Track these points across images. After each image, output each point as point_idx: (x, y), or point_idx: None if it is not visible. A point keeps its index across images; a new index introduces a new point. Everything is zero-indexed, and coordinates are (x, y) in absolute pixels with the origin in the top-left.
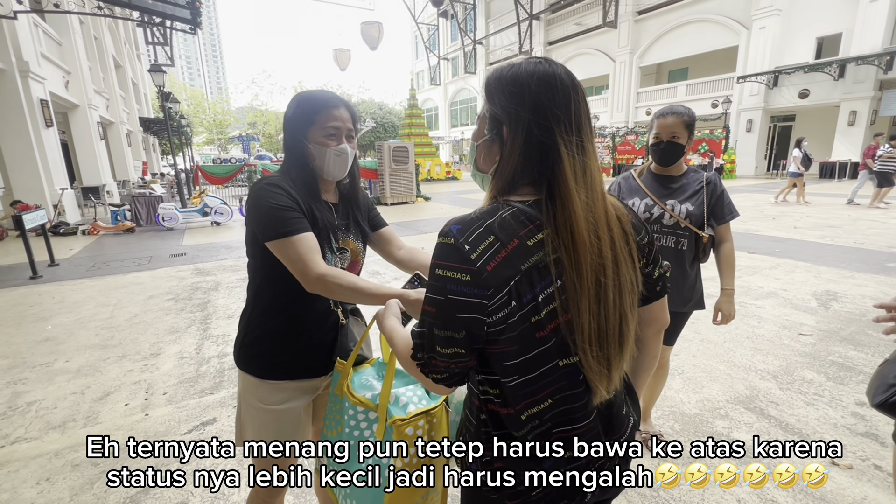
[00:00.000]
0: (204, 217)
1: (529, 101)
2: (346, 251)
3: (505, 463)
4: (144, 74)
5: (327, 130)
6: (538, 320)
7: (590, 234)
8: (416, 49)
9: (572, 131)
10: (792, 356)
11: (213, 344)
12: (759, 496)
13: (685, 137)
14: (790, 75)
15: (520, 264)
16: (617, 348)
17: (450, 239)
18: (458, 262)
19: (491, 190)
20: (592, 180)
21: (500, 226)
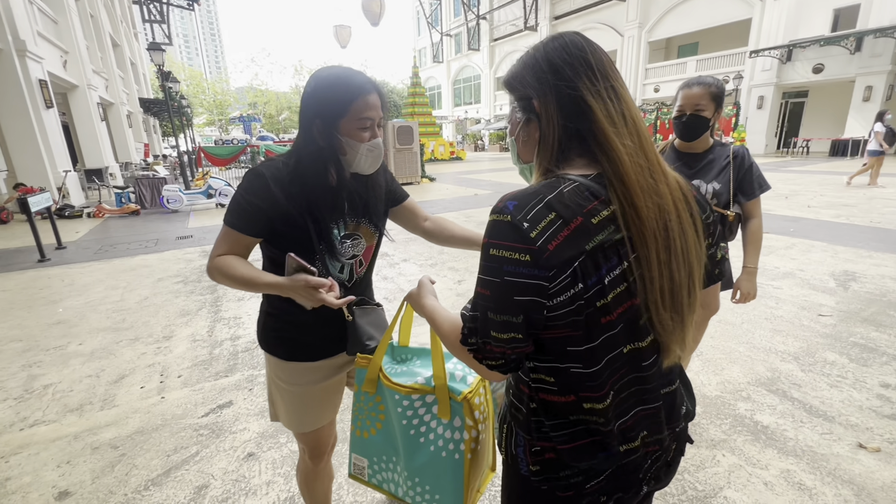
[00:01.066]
0: (208, 199)
1: (546, 65)
2: (358, 237)
3: (559, 454)
4: (143, 54)
5: (362, 123)
6: (604, 304)
7: (641, 177)
8: (418, 25)
9: (597, 78)
10: (812, 337)
11: (224, 326)
12: (786, 479)
13: (711, 110)
14: (805, 49)
15: (584, 244)
16: (688, 306)
17: (506, 216)
18: (516, 241)
19: (539, 166)
20: (637, 128)
21: (561, 201)
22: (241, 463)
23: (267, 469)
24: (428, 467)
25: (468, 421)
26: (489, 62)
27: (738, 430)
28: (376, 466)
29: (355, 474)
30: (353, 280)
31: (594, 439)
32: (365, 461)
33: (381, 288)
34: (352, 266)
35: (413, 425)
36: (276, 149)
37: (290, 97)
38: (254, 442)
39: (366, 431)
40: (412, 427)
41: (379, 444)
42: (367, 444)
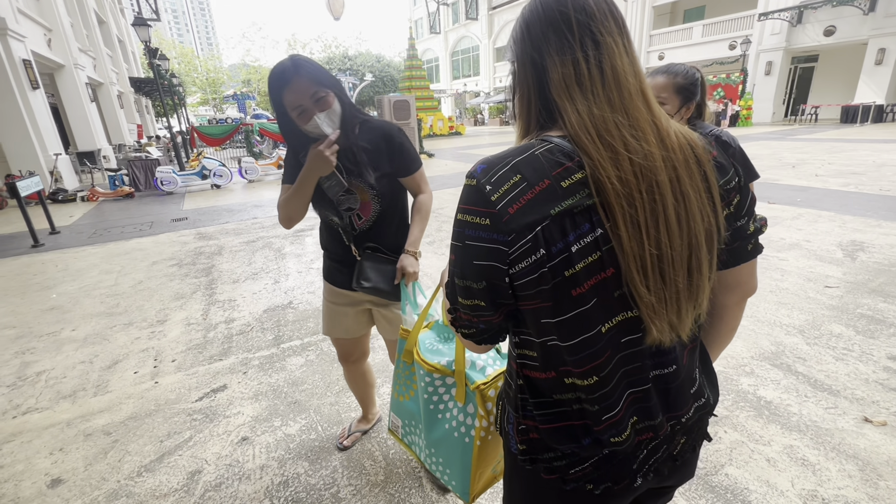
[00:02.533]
0: (203, 180)
1: (522, 25)
2: (352, 193)
3: (541, 434)
4: (130, 31)
5: (294, 112)
6: (573, 274)
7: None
8: None
9: (571, 31)
10: (818, 310)
11: (219, 309)
12: (789, 455)
13: (674, 104)
14: (816, 10)
15: (549, 208)
16: (684, 280)
17: (472, 180)
18: (478, 205)
19: (519, 129)
20: (618, 80)
21: (530, 164)
22: (234, 447)
23: (261, 453)
24: (442, 442)
25: (480, 410)
26: (488, 32)
27: (740, 405)
28: (407, 428)
29: (392, 430)
30: (357, 230)
31: (577, 423)
32: (399, 421)
33: None
34: (350, 217)
35: (433, 401)
36: (270, 127)
37: None
38: (248, 426)
39: (402, 395)
40: (432, 402)
41: (410, 409)
42: (402, 407)
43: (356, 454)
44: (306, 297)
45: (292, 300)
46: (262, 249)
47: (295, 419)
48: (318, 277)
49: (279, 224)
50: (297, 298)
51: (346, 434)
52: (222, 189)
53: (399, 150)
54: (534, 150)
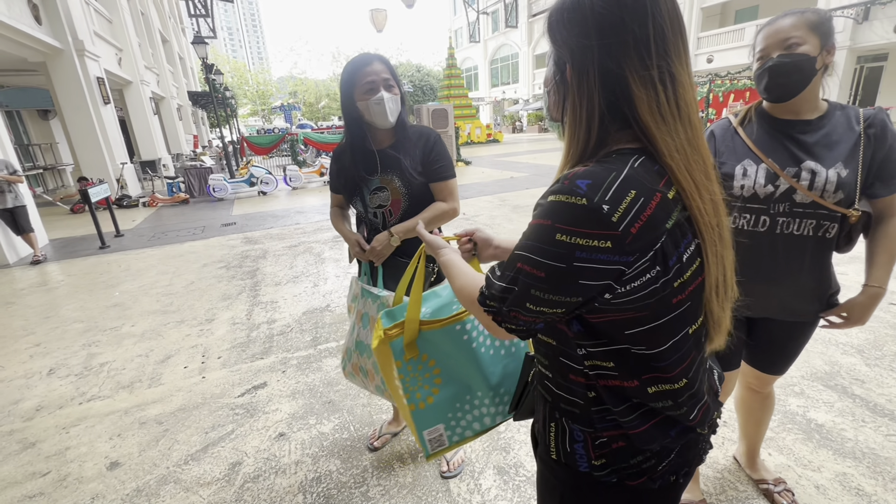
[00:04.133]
0: (251, 187)
1: (594, 24)
2: (385, 190)
3: (630, 440)
4: (189, 48)
5: (364, 87)
6: (680, 284)
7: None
8: (454, 4)
9: (651, 56)
10: (881, 328)
11: (262, 310)
12: (841, 483)
13: (815, 45)
14: (885, 6)
15: (664, 223)
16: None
17: (579, 198)
18: (595, 227)
19: (575, 137)
20: (690, 118)
21: (637, 177)
22: (272, 442)
23: (296, 449)
24: (507, 372)
25: None
26: (527, 39)
27: (787, 427)
28: (453, 422)
29: (435, 451)
30: (387, 226)
31: (666, 416)
32: (440, 427)
33: None
34: (382, 213)
35: (480, 342)
36: (314, 136)
37: (328, 84)
38: (285, 423)
39: (427, 398)
40: (482, 346)
41: (447, 397)
42: (435, 409)
43: (386, 455)
44: (343, 300)
45: (330, 303)
46: (303, 254)
47: (329, 418)
48: None
49: (320, 229)
50: (335, 302)
51: (377, 435)
52: (268, 196)
53: (435, 154)
54: (632, 162)
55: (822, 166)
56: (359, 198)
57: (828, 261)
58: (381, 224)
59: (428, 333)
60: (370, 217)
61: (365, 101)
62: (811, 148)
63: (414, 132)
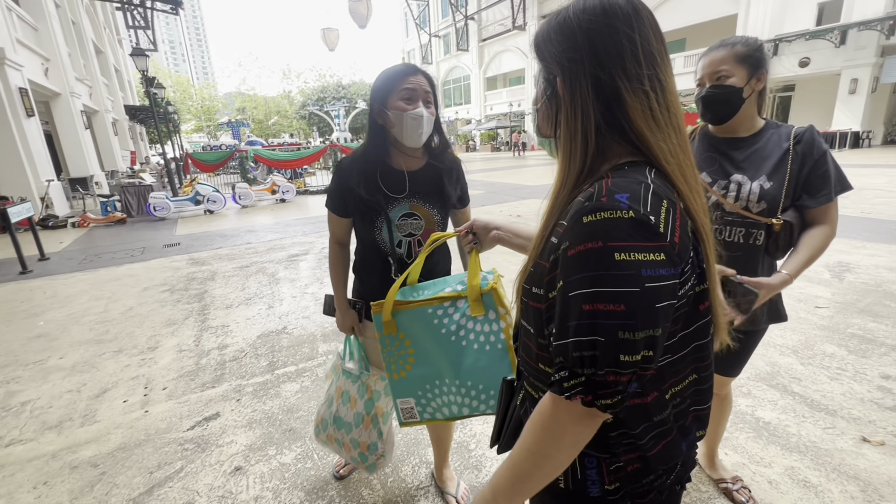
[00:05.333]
0: (196, 205)
1: (583, 37)
2: (417, 217)
3: (647, 462)
4: (127, 60)
5: (403, 94)
6: (703, 290)
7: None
8: (406, 27)
9: (640, 62)
10: (810, 330)
11: (212, 335)
12: (790, 477)
13: (742, 76)
14: (790, 43)
15: (688, 229)
16: None
17: (624, 211)
18: (648, 239)
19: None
20: (678, 122)
21: (661, 189)
22: (227, 478)
23: (255, 483)
24: (477, 367)
25: (500, 309)
26: (478, 62)
27: (739, 426)
28: (423, 400)
29: (407, 420)
30: (413, 257)
31: (677, 431)
32: (411, 401)
33: None
34: (409, 243)
35: (452, 331)
36: (265, 153)
37: (278, 101)
38: (241, 455)
39: (401, 372)
40: (452, 334)
41: (418, 376)
42: (407, 383)
43: (353, 483)
44: (301, 322)
45: (286, 325)
46: (255, 274)
47: (290, 447)
48: (313, 302)
49: (273, 248)
50: (292, 324)
51: (343, 463)
52: (216, 214)
53: (462, 179)
54: (649, 173)
55: (748, 179)
56: (383, 223)
57: (764, 267)
58: (405, 254)
59: (402, 313)
60: (394, 247)
61: (399, 112)
62: (740, 163)
63: (448, 157)
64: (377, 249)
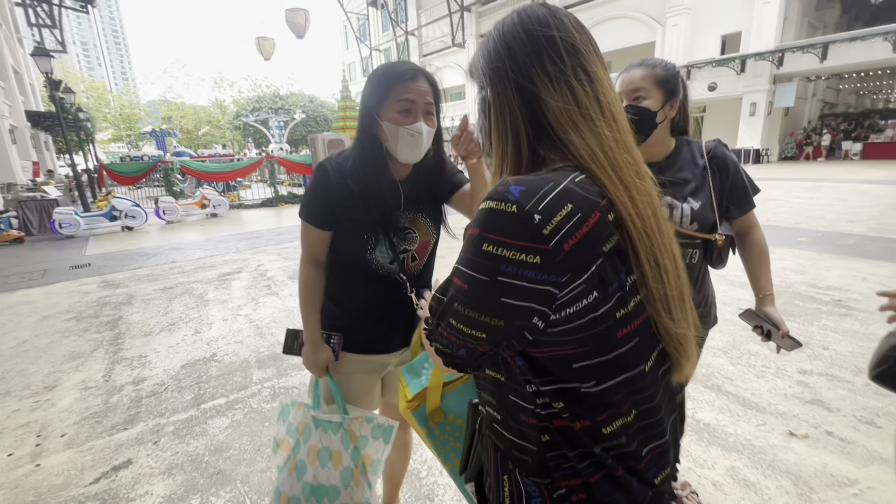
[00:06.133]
0: (112, 221)
1: (503, 49)
2: (412, 232)
3: (591, 490)
4: (29, 62)
5: (400, 105)
6: (624, 315)
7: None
8: (346, 39)
9: (561, 59)
10: (737, 330)
11: (126, 368)
12: (732, 477)
13: (658, 98)
14: (700, 69)
15: (602, 244)
16: (690, 311)
17: (509, 205)
18: (524, 239)
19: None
20: (614, 115)
21: (576, 192)
22: None
23: None
24: None
25: None
26: None
27: None
28: None
29: None
30: (406, 273)
31: (625, 465)
32: None
33: None
34: (404, 259)
35: None
36: (193, 164)
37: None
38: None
39: None
40: None
41: None
42: None
43: None
44: (232, 347)
45: (216, 352)
46: (180, 297)
47: (219, 493)
48: (247, 325)
49: (202, 267)
50: (222, 350)
51: None
52: (136, 231)
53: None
54: (572, 178)
55: (677, 201)
56: (384, 240)
57: (699, 285)
58: (397, 270)
59: (451, 393)
60: (387, 265)
61: (394, 125)
62: (664, 183)
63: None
64: (365, 269)
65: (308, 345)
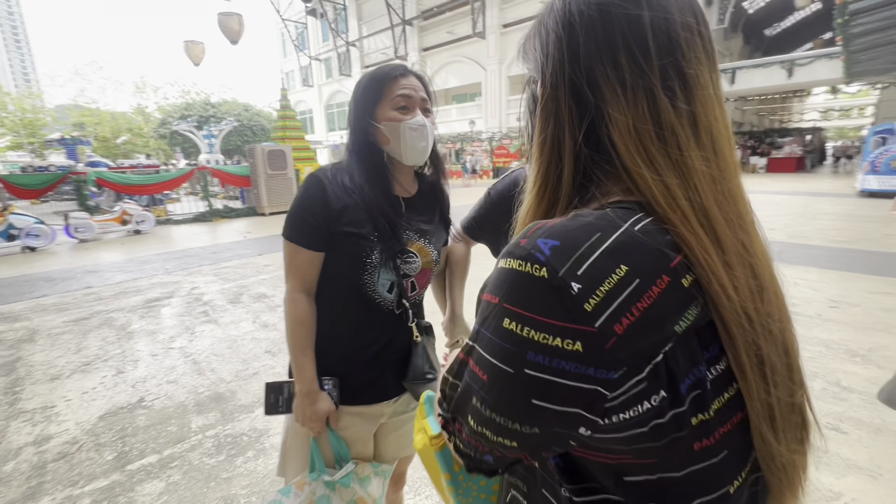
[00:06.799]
0: (9, 241)
1: (565, 28)
2: (414, 257)
3: None
4: None
5: (396, 102)
6: (703, 422)
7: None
8: (283, 47)
9: (647, 56)
10: None
11: (25, 424)
12: None
13: None
14: None
15: (673, 322)
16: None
17: (537, 267)
18: (559, 317)
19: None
20: (713, 140)
21: (632, 246)
22: None
23: None
24: None
25: None
26: None
27: None
28: None
29: None
30: (405, 297)
31: None
32: None
33: (261, 338)
34: (402, 286)
35: None
36: (112, 176)
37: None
38: None
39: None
40: None
41: None
42: None
43: None
44: (165, 388)
45: (144, 396)
46: (97, 329)
47: None
48: (181, 360)
49: (125, 293)
50: (152, 393)
51: None
52: (40, 252)
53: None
54: (631, 223)
55: None
56: (388, 262)
57: None
58: (393, 302)
59: None
60: (385, 293)
61: (394, 123)
62: None
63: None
64: (359, 298)
65: (303, 396)
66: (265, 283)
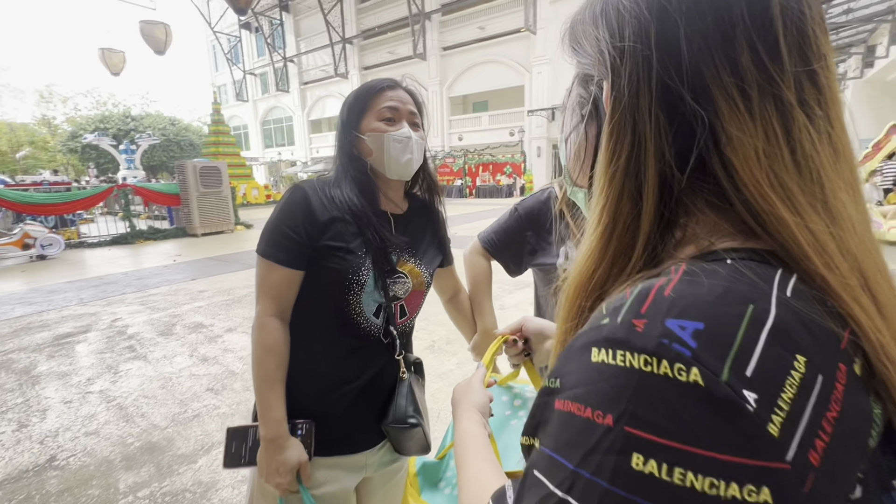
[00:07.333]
0: None
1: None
2: (404, 278)
3: None
4: None
5: (382, 113)
6: None
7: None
8: (215, 60)
9: (778, 57)
10: None
11: None
12: None
13: None
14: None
15: (866, 432)
16: None
17: (682, 369)
18: (732, 449)
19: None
20: (851, 171)
21: (799, 322)
22: None
23: None
24: None
25: None
26: (301, 104)
27: None
28: None
29: None
30: (394, 323)
31: None
32: None
33: (200, 374)
34: (390, 311)
35: None
36: (11, 195)
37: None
38: None
39: None
40: None
41: None
42: None
43: None
44: (83, 442)
45: (56, 454)
46: None
47: None
48: (103, 406)
49: (28, 328)
50: (66, 449)
51: None
52: None
53: (444, 228)
54: (778, 288)
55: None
56: (378, 284)
57: None
58: (380, 328)
59: None
60: (370, 317)
61: (379, 134)
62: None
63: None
64: (341, 323)
65: (268, 443)
66: (201, 311)
